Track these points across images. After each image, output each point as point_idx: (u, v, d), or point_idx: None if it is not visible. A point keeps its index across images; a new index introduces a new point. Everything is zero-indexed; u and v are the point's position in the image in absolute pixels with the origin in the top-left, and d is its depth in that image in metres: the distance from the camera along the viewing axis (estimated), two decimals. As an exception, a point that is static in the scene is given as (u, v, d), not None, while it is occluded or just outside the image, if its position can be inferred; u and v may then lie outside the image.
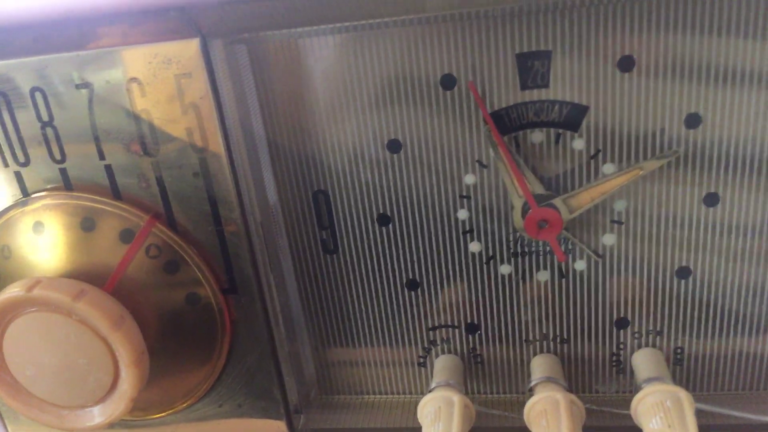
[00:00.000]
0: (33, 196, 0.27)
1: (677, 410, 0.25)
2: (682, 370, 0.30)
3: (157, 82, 0.25)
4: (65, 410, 0.27)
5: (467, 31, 0.25)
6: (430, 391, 0.29)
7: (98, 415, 0.27)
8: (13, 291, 0.25)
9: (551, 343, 0.30)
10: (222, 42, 0.25)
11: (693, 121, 0.25)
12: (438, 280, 0.30)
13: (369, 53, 0.26)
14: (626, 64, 0.25)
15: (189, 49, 0.24)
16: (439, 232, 0.28)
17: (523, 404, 0.29)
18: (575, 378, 0.31)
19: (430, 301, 0.30)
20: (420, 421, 0.28)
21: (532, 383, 0.29)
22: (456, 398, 0.28)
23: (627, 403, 0.28)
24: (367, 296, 0.30)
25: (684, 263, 0.28)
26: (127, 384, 0.26)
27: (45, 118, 0.26)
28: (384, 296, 0.30)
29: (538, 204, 0.26)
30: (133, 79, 0.25)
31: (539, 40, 0.25)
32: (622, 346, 0.30)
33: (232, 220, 0.27)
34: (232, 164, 0.26)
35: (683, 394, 0.26)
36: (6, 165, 0.27)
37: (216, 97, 0.25)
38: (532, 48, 0.25)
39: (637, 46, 0.24)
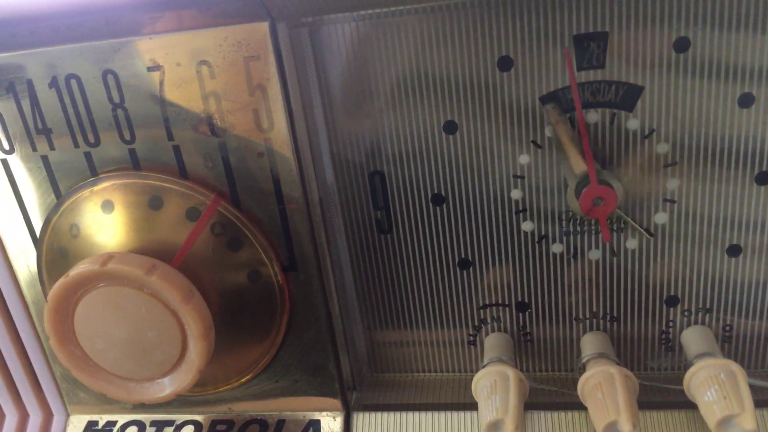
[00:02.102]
0: (102, 175, 0.28)
1: (731, 383, 0.26)
2: (730, 347, 0.30)
3: (226, 64, 0.26)
4: (132, 382, 0.28)
5: (525, 13, 0.26)
6: (483, 367, 0.29)
7: (165, 387, 0.28)
8: (87, 266, 0.26)
9: (601, 321, 0.31)
10: (286, 25, 0.26)
11: (746, 100, 0.26)
12: (490, 259, 0.30)
13: (428, 36, 0.26)
14: (682, 44, 0.25)
15: (259, 32, 0.25)
16: (492, 212, 0.29)
17: (572, 381, 0.30)
18: (624, 355, 0.31)
19: (482, 280, 0.31)
20: (475, 395, 0.29)
21: (584, 359, 0.29)
22: (510, 372, 0.28)
23: (676, 379, 0.29)
24: (420, 275, 0.31)
25: (734, 241, 0.28)
26: (195, 356, 0.27)
27: (116, 100, 0.27)
28: (436, 275, 0.31)
29: (585, 184, 0.27)
30: (203, 62, 0.26)
31: (596, 22, 0.25)
32: (671, 324, 0.30)
33: (294, 199, 0.28)
34: (295, 145, 0.27)
35: (736, 367, 0.26)
36: (77, 146, 0.28)
37: (282, 80, 0.26)
38: (589, 29, 0.26)
39: (692, 26, 0.25)
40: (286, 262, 0.29)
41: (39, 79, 0.27)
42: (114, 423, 0.34)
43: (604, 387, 0.27)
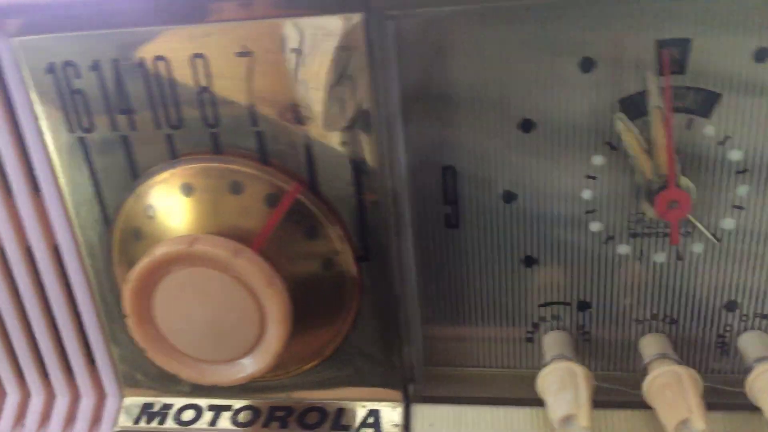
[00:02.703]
0: (183, 158, 0.29)
1: (798, 386, 0.26)
2: (787, 353, 0.31)
3: (316, 53, 0.26)
4: (207, 364, 0.29)
5: (609, 16, 0.26)
6: (546, 364, 0.30)
7: (240, 370, 0.28)
8: (174, 246, 0.26)
9: (660, 323, 0.31)
10: (376, 18, 0.26)
11: (822, 111, 0.27)
12: (555, 258, 0.31)
13: (509, 35, 0.27)
14: (762, 54, 0.26)
15: (352, 23, 0.25)
16: (562, 211, 0.30)
17: (629, 381, 0.30)
18: (681, 357, 0.32)
19: (544, 278, 0.31)
20: (540, 391, 0.29)
21: (647, 360, 0.30)
22: (578, 369, 0.29)
23: (733, 382, 0.30)
24: (483, 271, 0.32)
25: (798, 249, 0.29)
26: (274, 340, 0.27)
27: (203, 83, 0.27)
28: (500, 272, 0.31)
29: (664, 186, 0.27)
30: (295, 50, 0.26)
31: (679, 28, 0.26)
32: (728, 328, 0.31)
33: (372, 190, 0.28)
34: (379, 137, 0.27)
35: (800, 372, 0.27)
36: (158, 127, 0.28)
37: (371, 71, 0.26)
38: (672, 35, 0.26)
39: (777, 37, 0.26)
40: (360, 252, 0.29)
41: (126, 59, 0.27)
42: (170, 406, 0.34)
43: (673, 386, 0.27)
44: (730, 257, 0.30)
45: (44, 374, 0.35)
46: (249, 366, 0.28)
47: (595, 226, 0.30)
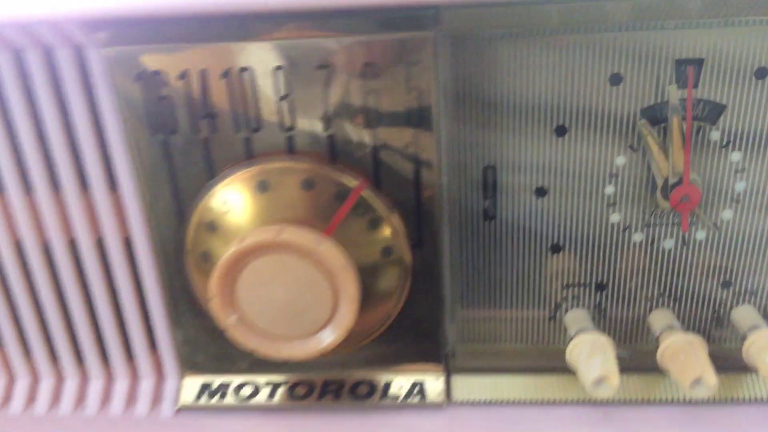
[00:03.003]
0: (258, 158, 0.32)
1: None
2: (771, 323, 0.36)
3: (390, 67, 0.30)
4: (282, 341, 0.32)
5: (635, 39, 0.31)
6: (573, 337, 0.34)
7: (313, 345, 0.32)
8: (262, 235, 0.30)
9: (666, 300, 0.36)
10: (441, 37, 0.30)
11: (808, 120, 0.32)
12: (578, 245, 0.35)
13: (550, 55, 0.31)
14: (761, 73, 0.31)
15: (423, 41, 0.29)
16: (587, 204, 0.34)
17: (643, 352, 0.35)
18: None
19: (568, 264, 0.36)
20: (572, 361, 0.34)
21: (658, 332, 0.35)
22: (604, 338, 0.33)
23: (729, 350, 0.35)
24: (515, 257, 0.36)
25: (783, 236, 0.34)
26: (346, 318, 0.31)
27: (283, 92, 0.30)
28: (529, 258, 0.36)
29: (680, 181, 0.32)
30: (370, 64, 0.30)
31: (694, 50, 0.31)
32: (723, 305, 0.36)
33: (430, 186, 0.32)
34: (438, 141, 0.31)
35: (788, 338, 0.32)
36: (237, 131, 0.31)
37: (436, 83, 0.30)
38: (689, 56, 0.31)
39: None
40: (414, 241, 0.33)
41: (213, 70, 0.30)
42: (228, 384, 0.37)
43: (686, 351, 0.32)
44: (727, 243, 0.35)
45: (104, 358, 0.38)
46: (324, 340, 0.31)
47: (614, 218, 0.34)
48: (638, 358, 0.36)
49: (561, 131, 0.33)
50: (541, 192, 0.34)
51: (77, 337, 0.37)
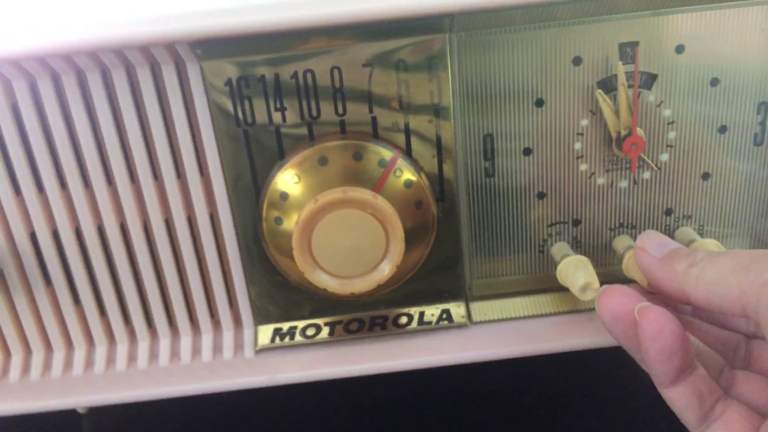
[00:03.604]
0: (318, 139, 0.42)
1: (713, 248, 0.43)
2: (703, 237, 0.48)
3: (416, 61, 0.40)
4: (346, 279, 0.41)
5: (589, 30, 0.42)
6: (560, 260, 0.45)
7: (370, 280, 0.41)
8: (332, 195, 0.39)
9: (625, 228, 0.48)
10: (455, 37, 0.41)
11: (713, 82, 0.44)
12: (558, 191, 0.46)
13: (531, 45, 0.42)
14: (680, 48, 0.43)
15: (440, 40, 0.40)
16: (562, 158, 0.45)
17: (613, 272, 0.47)
18: (640, 250, 0.48)
19: (551, 206, 0.47)
20: (561, 278, 0.45)
21: (622, 251, 0.46)
22: (583, 257, 0.44)
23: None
24: (511, 206, 0.46)
25: (706, 170, 0.46)
26: (396, 254, 0.40)
27: (337, 85, 0.40)
28: (521, 205, 0.46)
29: (630, 132, 0.44)
30: (401, 60, 0.40)
31: (630, 33, 0.42)
32: (667, 227, 0.48)
33: (449, 151, 0.42)
34: (454, 119, 0.42)
35: (713, 243, 0.44)
36: (302, 119, 0.41)
37: (451, 72, 0.41)
38: (628, 39, 0.42)
39: (689, 36, 0.42)
40: (438, 195, 0.43)
41: (284, 73, 0.40)
42: (295, 327, 0.46)
43: (647, 257, 0.43)
44: (666, 179, 0.46)
45: (191, 318, 0.46)
46: (382, 271, 0.41)
47: (583, 167, 0.46)
48: (609, 274, 0.47)
49: (539, 103, 0.44)
50: (527, 152, 0.45)
51: (168, 301, 0.46)
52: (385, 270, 0.41)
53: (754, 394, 0.37)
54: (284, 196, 0.42)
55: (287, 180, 0.42)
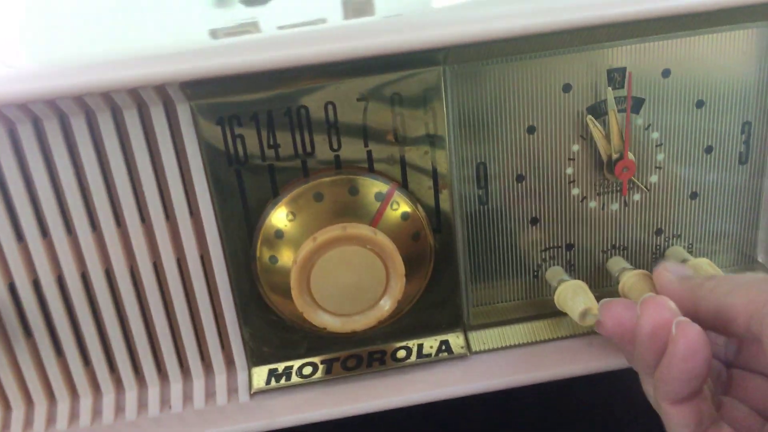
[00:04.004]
0: (313, 175, 0.41)
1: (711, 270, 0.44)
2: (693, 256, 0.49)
3: (411, 94, 0.39)
4: (346, 317, 0.40)
5: (577, 58, 0.42)
6: (557, 286, 0.45)
7: (370, 318, 0.40)
8: (332, 232, 0.38)
9: (617, 250, 0.48)
10: (448, 70, 0.40)
11: (699, 104, 0.44)
12: (551, 216, 0.46)
13: (520, 75, 0.42)
14: (666, 73, 0.43)
15: (435, 73, 0.39)
16: (554, 183, 0.45)
17: (607, 294, 0.47)
18: (632, 272, 0.48)
19: (544, 231, 0.47)
20: (559, 301, 0.44)
21: (617, 273, 0.46)
22: (581, 282, 0.44)
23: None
24: (505, 232, 0.46)
25: (694, 189, 0.47)
26: (396, 290, 0.40)
27: (331, 120, 0.40)
28: (515, 231, 0.46)
29: (621, 156, 0.44)
30: (396, 93, 0.39)
31: (620, 59, 0.43)
32: (658, 248, 0.48)
33: (445, 182, 0.42)
34: (449, 150, 0.41)
35: (706, 261, 0.45)
36: (296, 156, 0.40)
37: (445, 103, 0.40)
38: (616, 65, 0.43)
39: (674, 60, 0.43)
40: (435, 226, 0.43)
41: (277, 111, 0.39)
42: (291, 367, 0.45)
43: (641, 281, 0.43)
44: (655, 200, 0.47)
45: (181, 363, 0.45)
46: (382, 308, 0.40)
47: (575, 191, 0.46)
48: (604, 296, 0.47)
49: (531, 130, 0.44)
50: (520, 178, 0.45)
51: (157, 347, 0.44)
52: (386, 306, 0.40)
53: (739, 420, 0.37)
54: (279, 233, 0.41)
55: (282, 217, 0.41)
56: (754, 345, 0.40)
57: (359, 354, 0.45)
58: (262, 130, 0.39)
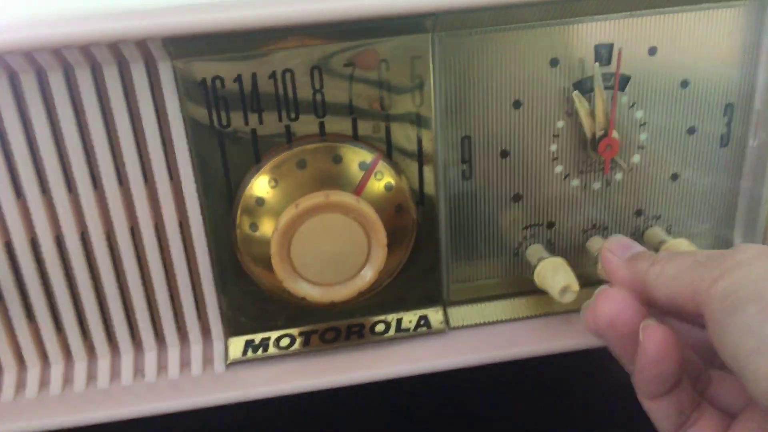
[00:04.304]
0: (296, 141, 0.40)
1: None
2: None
3: (398, 61, 0.39)
4: (326, 286, 0.40)
5: (565, 31, 0.42)
6: (537, 263, 0.45)
7: (351, 288, 0.40)
8: (314, 199, 0.38)
9: (597, 230, 0.48)
10: (437, 37, 0.40)
11: (684, 83, 0.44)
12: (534, 193, 0.46)
13: (506, 47, 0.42)
14: (652, 51, 0.43)
15: (423, 40, 0.39)
16: (537, 160, 0.45)
17: (587, 274, 0.47)
18: (612, 251, 0.48)
19: (526, 208, 0.46)
20: (540, 278, 0.44)
21: (596, 253, 0.46)
22: (561, 259, 0.44)
23: (647, 261, 0.47)
24: (487, 208, 0.46)
25: (674, 171, 0.47)
26: (377, 261, 0.39)
27: (317, 86, 0.39)
28: (498, 207, 0.46)
29: (606, 134, 0.44)
30: (384, 60, 0.39)
31: (607, 36, 0.42)
32: (638, 229, 0.48)
33: (428, 154, 0.42)
34: (435, 118, 0.41)
35: (686, 243, 0.45)
36: (280, 120, 0.39)
37: (433, 71, 0.40)
38: (603, 41, 0.43)
39: (661, 38, 0.43)
40: (418, 198, 0.42)
41: (261, 73, 0.38)
42: (268, 338, 0.44)
43: (624, 258, 0.43)
44: (637, 180, 0.47)
45: (156, 331, 0.44)
46: (364, 277, 0.40)
47: (558, 169, 0.45)
48: (585, 276, 0.47)
49: (517, 105, 0.43)
50: (504, 154, 0.45)
51: (132, 314, 0.43)
52: (367, 276, 0.40)
53: (727, 395, 0.37)
54: (260, 201, 0.40)
55: (263, 184, 0.40)
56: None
57: (337, 327, 0.45)
58: (246, 93, 0.38)
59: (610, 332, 0.35)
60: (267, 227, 0.40)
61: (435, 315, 0.46)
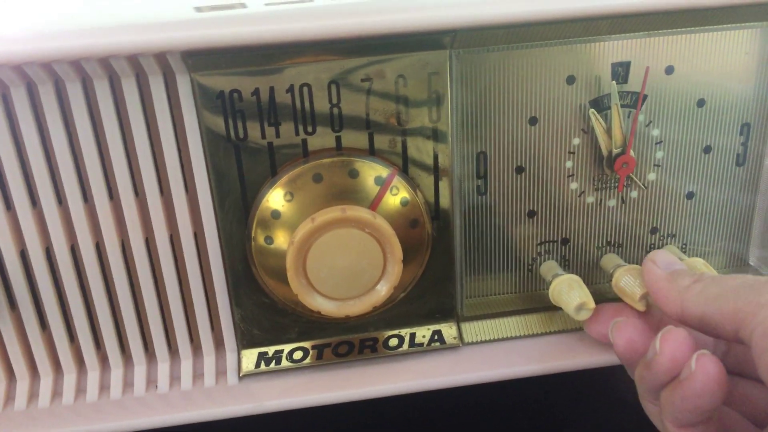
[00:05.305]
0: (313, 155, 0.40)
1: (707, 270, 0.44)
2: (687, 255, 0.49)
3: (416, 77, 0.39)
4: (341, 301, 0.40)
5: (582, 50, 0.42)
6: (551, 280, 0.45)
7: (366, 303, 0.40)
8: (331, 214, 0.38)
9: (612, 247, 0.48)
10: (455, 54, 0.40)
11: (700, 103, 0.44)
12: (548, 209, 0.46)
13: (523, 64, 0.42)
14: (669, 70, 0.43)
15: (441, 56, 0.39)
16: (553, 176, 0.45)
17: (601, 291, 0.46)
18: (626, 269, 0.48)
19: (541, 225, 0.46)
20: (555, 295, 0.44)
21: (611, 269, 0.46)
22: (576, 277, 0.44)
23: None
24: (502, 224, 0.46)
25: (690, 189, 0.47)
26: (394, 275, 0.39)
27: (334, 101, 0.39)
28: (512, 223, 0.46)
29: (623, 151, 0.44)
30: (401, 75, 0.39)
31: (624, 54, 0.42)
32: (652, 245, 0.48)
33: (445, 170, 0.41)
34: (451, 134, 0.41)
35: (701, 262, 0.45)
36: (297, 134, 0.39)
37: (451, 88, 0.40)
38: (620, 59, 0.43)
39: (678, 58, 0.43)
40: (433, 214, 0.42)
41: (279, 87, 0.38)
42: (281, 351, 0.44)
43: (632, 274, 0.43)
44: (652, 199, 0.47)
45: (169, 343, 0.44)
46: (379, 292, 0.39)
47: (573, 186, 0.45)
48: (598, 293, 0.47)
49: (533, 121, 0.43)
50: (519, 170, 0.44)
51: (145, 325, 0.43)
52: (383, 291, 0.40)
53: (731, 426, 0.38)
54: (275, 214, 0.40)
55: (279, 198, 0.40)
56: (741, 347, 0.40)
57: (351, 341, 0.45)
58: (263, 107, 0.38)
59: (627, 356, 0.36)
60: (282, 240, 0.40)
61: (449, 330, 0.45)
